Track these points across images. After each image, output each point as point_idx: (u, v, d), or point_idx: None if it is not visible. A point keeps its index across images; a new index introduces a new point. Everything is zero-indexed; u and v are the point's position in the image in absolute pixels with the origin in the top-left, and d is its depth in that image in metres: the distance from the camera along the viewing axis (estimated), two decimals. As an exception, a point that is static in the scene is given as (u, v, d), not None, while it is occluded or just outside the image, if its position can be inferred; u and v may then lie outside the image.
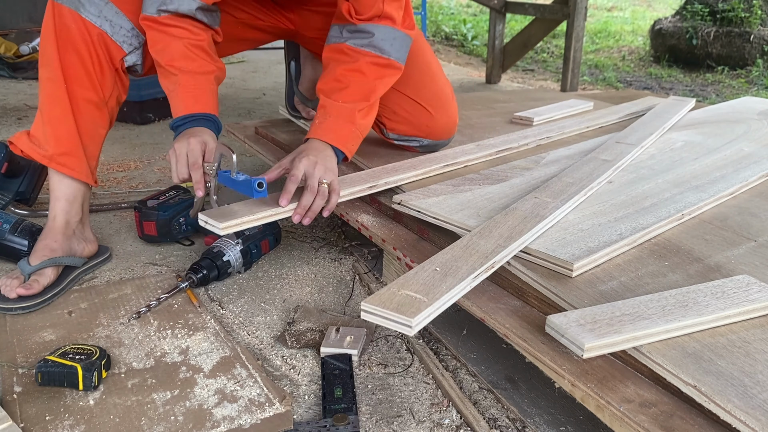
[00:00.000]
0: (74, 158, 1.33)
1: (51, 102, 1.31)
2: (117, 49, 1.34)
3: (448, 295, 0.92)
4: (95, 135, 1.37)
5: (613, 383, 0.84)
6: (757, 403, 0.72)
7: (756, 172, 1.44)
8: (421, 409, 1.04)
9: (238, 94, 3.53)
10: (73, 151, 1.33)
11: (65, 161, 1.32)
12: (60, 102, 1.30)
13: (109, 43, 1.32)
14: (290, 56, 1.89)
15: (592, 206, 1.24)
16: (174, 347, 1.13)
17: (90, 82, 1.32)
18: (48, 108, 1.31)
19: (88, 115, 1.34)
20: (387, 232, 1.33)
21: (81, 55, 1.30)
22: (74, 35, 1.29)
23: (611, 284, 0.99)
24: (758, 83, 4.71)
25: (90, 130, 1.36)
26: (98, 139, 1.39)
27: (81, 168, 1.35)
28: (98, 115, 1.36)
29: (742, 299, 0.90)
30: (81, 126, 1.33)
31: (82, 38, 1.29)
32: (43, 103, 1.32)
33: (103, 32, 1.31)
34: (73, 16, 1.29)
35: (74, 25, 1.29)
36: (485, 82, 4.20)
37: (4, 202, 1.70)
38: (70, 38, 1.29)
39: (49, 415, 0.95)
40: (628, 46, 6.12)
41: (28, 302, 1.23)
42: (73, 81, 1.31)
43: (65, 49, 1.29)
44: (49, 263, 1.29)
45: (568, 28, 3.51)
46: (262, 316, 1.30)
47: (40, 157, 1.32)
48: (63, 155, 1.32)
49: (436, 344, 1.22)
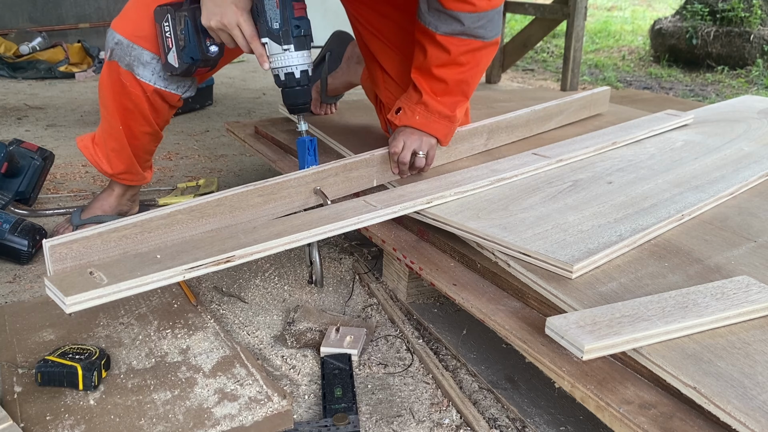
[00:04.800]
0: (132, 174, 1.61)
1: (111, 137, 1.53)
2: (172, 97, 1.49)
3: (135, 281, 0.93)
4: (149, 150, 1.62)
5: (613, 385, 0.84)
6: (757, 404, 0.72)
7: (756, 171, 1.44)
8: (421, 408, 1.05)
9: (238, 93, 3.53)
10: (131, 169, 1.59)
11: (125, 177, 1.61)
12: (118, 139, 1.52)
13: (165, 96, 1.48)
14: (329, 48, 1.91)
15: (591, 207, 1.24)
16: (174, 347, 1.13)
17: (146, 121, 1.50)
18: (109, 140, 1.54)
19: (145, 141, 1.56)
20: (387, 232, 1.33)
21: (139, 106, 1.47)
22: (134, 95, 1.45)
23: (611, 285, 0.99)
24: (758, 83, 4.71)
25: (145, 149, 1.60)
26: (151, 151, 1.64)
27: (137, 179, 1.63)
28: (152, 139, 1.58)
29: (741, 300, 0.90)
30: (136, 150, 1.56)
31: (142, 97, 1.45)
32: (104, 131, 1.55)
33: (158, 89, 1.45)
34: (131, 78, 1.43)
35: (133, 86, 1.44)
36: (485, 82, 4.20)
37: (4, 202, 1.70)
38: (127, 93, 1.45)
39: (50, 415, 0.95)
40: (628, 46, 6.12)
41: None
42: (130, 121, 1.49)
43: (124, 100, 1.46)
44: (94, 219, 1.61)
45: (568, 28, 3.51)
46: (262, 316, 1.30)
47: (102, 172, 1.60)
48: (123, 174, 1.59)
49: (436, 344, 1.22)
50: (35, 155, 1.77)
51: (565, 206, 1.24)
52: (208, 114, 3.07)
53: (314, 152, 1.38)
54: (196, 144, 2.57)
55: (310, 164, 1.36)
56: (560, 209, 1.22)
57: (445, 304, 1.33)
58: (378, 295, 1.38)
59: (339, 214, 1.17)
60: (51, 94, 3.41)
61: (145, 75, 1.43)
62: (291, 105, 1.32)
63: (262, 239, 1.06)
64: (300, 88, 1.29)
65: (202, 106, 3.14)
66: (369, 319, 1.31)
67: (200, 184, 2.02)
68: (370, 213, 1.18)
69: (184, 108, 3.00)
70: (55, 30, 4.35)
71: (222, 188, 2.04)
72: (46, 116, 2.92)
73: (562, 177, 1.40)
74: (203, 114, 3.06)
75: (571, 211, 1.22)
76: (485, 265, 1.13)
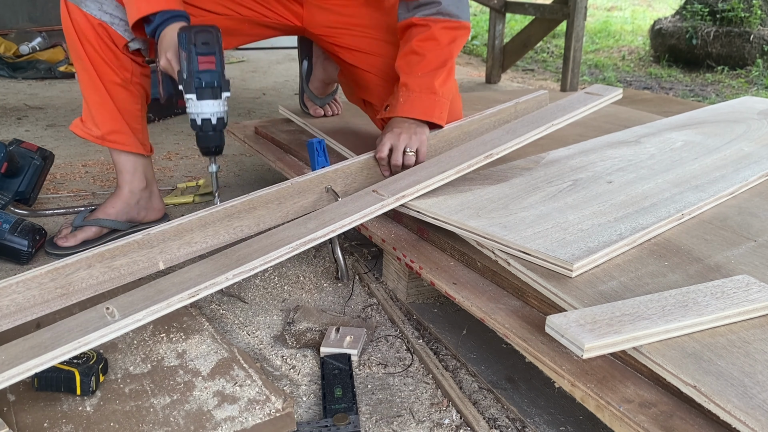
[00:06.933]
0: (123, 135, 1.52)
1: (90, 89, 1.48)
2: (119, 37, 1.44)
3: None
4: (132, 111, 1.53)
5: (613, 383, 0.84)
6: (757, 403, 0.72)
7: (756, 171, 1.44)
8: (420, 408, 1.04)
9: (238, 94, 3.53)
10: (120, 129, 1.51)
11: (115, 138, 1.51)
12: (97, 89, 1.47)
13: (111, 32, 1.43)
14: (303, 55, 1.92)
15: (591, 206, 1.24)
16: (170, 351, 1.12)
17: (108, 67, 1.46)
18: (89, 95, 1.49)
19: (119, 96, 1.49)
20: (386, 232, 1.33)
21: (93, 46, 1.43)
22: (84, 29, 1.42)
23: (611, 284, 0.99)
24: (758, 83, 4.71)
25: (126, 108, 1.51)
26: (136, 114, 1.54)
27: (131, 141, 1.53)
28: (127, 94, 1.50)
29: (741, 299, 0.90)
30: (118, 106, 1.49)
31: (91, 30, 1.42)
32: (84, 91, 1.49)
33: (102, 23, 1.42)
34: (79, 11, 1.41)
35: (81, 20, 1.42)
36: (485, 82, 4.20)
37: (4, 202, 1.70)
38: (84, 32, 1.42)
39: (47, 423, 0.93)
40: (628, 46, 6.12)
41: (58, 251, 1.52)
42: (98, 68, 1.45)
43: (86, 42, 1.43)
44: (94, 223, 1.55)
45: (568, 28, 3.51)
46: (262, 316, 1.30)
47: (93, 138, 1.51)
48: (112, 133, 1.50)
49: (436, 344, 1.22)
50: (35, 155, 1.77)
51: (565, 205, 1.24)
52: (208, 114, 3.06)
53: (324, 153, 1.41)
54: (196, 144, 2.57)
55: (321, 165, 1.39)
56: (560, 208, 1.22)
57: (445, 304, 1.33)
58: (378, 295, 1.38)
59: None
60: (51, 94, 3.41)
61: (91, 7, 1.40)
62: (201, 149, 1.36)
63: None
64: (213, 134, 1.33)
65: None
66: (369, 319, 1.31)
67: (200, 184, 2.02)
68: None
69: (184, 108, 3.00)
70: (55, 30, 4.35)
71: (222, 188, 2.04)
72: (46, 116, 2.92)
73: (563, 176, 1.40)
74: (203, 114, 3.06)
75: (571, 210, 1.22)
76: (485, 264, 1.13)
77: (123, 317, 0.93)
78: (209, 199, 1.94)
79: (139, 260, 1.13)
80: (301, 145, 1.77)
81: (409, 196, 1.24)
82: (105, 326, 0.91)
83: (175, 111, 2.94)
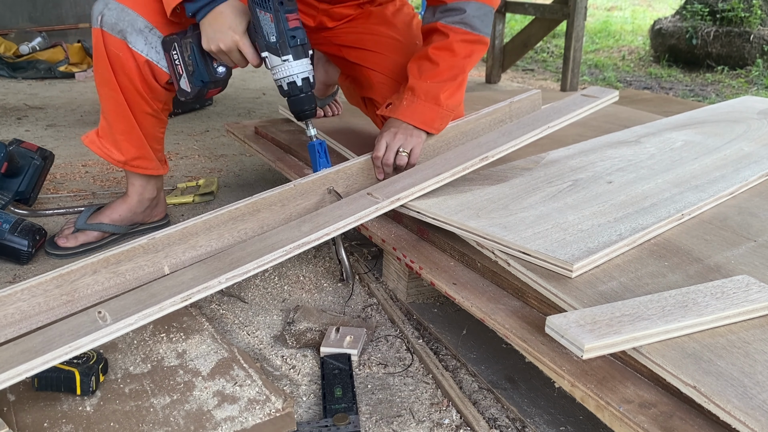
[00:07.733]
0: (146, 160, 1.55)
1: (116, 116, 1.48)
2: (162, 74, 1.44)
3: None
4: (156, 136, 1.58)
5: (613, 384, 0.84)
6: (757, 403, 0.72)
7: (756, 171, 1.44)
8: (420, 408, 1.04)
9: (238, 94, 3.53)
10: (144, 154, 1.54)
11: (138, 164, 1.55)
12: (125, 117, 1.48)
13: (155, 70, 1.43)
14: None
15: (591, 207, 1.24)
16: (170, 351, 1.12)
17: (142, 99, 1.46)
18: (114, 120, 1.49)
19: (147, 123, 1.52)
20: (387, 232, 1.33)
21: (131, 78, 1.43)
22: (126, 64, 1.41)
23: (611, 285, 0.99)
24: (758, 83, 4.71)
25: (151, 134, 1.55)
26: (159, 138, 1.59)
27: (153, 166, 1.57)
28: (155, 122, 1.54)
29: (741, 299, 0.90)
30: (145, 132, 1.52)
31: (133, 67, 1.41)
32: (108, 114, 1.50)
33: (149, 61, 1.41)
34: (124, 47, 1.39)
35: (124, 54, 1.40)
36: (485, 82, 4.20)
37: (4, 202, 1.70)
38: (123, 66, 1.41)
39: (47, 423, 0.93)
40: (628, 46, 6.12)
41: (59, 251, 1.55)
42: (130, 99, 1.46)
43: (120, 74, 1.42)
44: (96, 228, 1.57)
45: (568, 28, 3.51)
46: (262, 316, 1.30)
47: (114, 162, 1.53)
48: (136, 159, 1.54)
49: (436, 344, 1.22)
50: (35, 155, 1.77)
51: (565, 205, 1.24)
52: (208, 114, 3.07)
53: (325, 154, 1.40)
54: (196, 144, 2.57)
55: (323, 166, 1.38)
56: (560, 208, 1.22)
57: (445, 304, 1.33)
58: (378, 295, 1.38)
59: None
60: (51, 94, 3.41)
61: (137, 44, 1.38)
62: (297, 112, 1.35)
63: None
64: (303, 95, 1.32)
65: (202, 106, 3.14)
66: (369, 319, 1.31)
67: (200, 184, 2.02)
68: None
69: (184, 108, 3.00)
70: (55, 30, 4.35)
71: (222, 188, 2.04)
72: (45, 116, 2.92)
73: (562, 176, 1.40)
74: (203, 114, 3.06)
75: (571, 210, 1.22)
76: (485, 264, 1.13)
77: (115, 321, 0.93)
78: (209, 199, 1.94)
79: (144, 265, 1.13)
80: (301, 145, 1.77)
81: (404, 198, 1.24)
82: (96, 330, 0.91)
83: (176, 111, 2.94)
